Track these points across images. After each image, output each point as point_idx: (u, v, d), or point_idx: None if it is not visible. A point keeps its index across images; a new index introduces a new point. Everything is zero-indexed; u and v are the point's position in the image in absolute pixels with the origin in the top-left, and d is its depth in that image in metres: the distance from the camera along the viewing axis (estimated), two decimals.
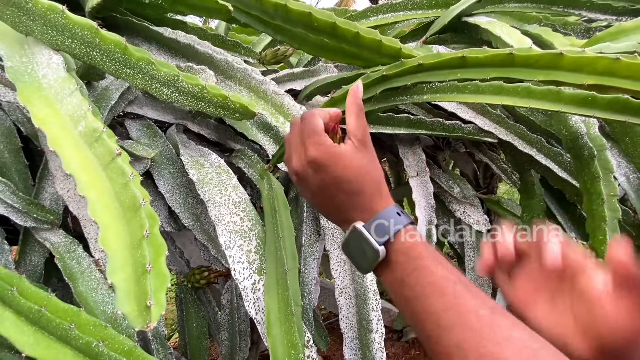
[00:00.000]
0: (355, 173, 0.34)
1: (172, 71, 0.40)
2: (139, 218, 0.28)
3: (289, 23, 0.56)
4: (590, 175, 0.54)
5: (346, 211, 0.35)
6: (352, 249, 0.34)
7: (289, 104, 0.59)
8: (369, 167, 0.35)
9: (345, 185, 0.34)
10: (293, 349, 0.39)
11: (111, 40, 0.39)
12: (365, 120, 0.37)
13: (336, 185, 0.34)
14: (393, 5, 0.82)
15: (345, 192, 0.34)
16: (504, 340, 0.25)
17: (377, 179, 0.35)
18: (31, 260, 0.54)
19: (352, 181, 0.34)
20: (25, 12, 0.39)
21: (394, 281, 0.32)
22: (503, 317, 0.27)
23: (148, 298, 0.25)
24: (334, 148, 0.34)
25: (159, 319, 0.25)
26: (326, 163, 0.34)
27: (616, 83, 0.40)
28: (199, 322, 0.71)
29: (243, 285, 0.46)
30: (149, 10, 0.65)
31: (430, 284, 0.29)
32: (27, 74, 0.39)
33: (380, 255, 0.32)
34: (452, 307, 0.28)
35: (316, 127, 0.35)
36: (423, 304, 0.29)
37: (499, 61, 0.44)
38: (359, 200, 0.34)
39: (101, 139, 0.32)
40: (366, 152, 0.35)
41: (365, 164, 0.35)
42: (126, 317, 0.25)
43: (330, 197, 0.35)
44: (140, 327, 0.25)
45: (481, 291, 0.29)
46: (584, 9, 0.76)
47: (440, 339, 0.27)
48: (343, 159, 0.34)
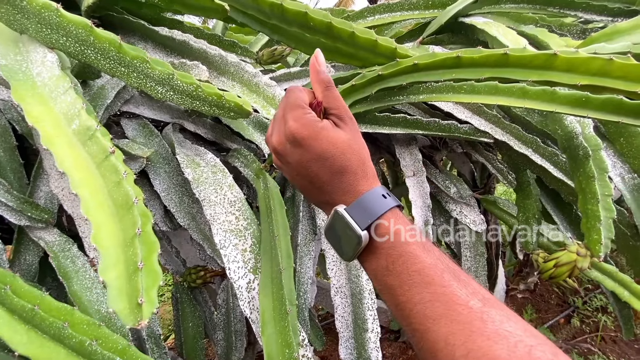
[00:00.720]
0: (337, 149, 0.31)
1: (167, 70, 0.40)
2: (132, 216, 0.28)
3: (285, 23, 0.56)
4: (585, 175, 0.54)
5: (328, 192, 0.32)
6: (334, 234, 0.32)
7: (280, 95, 0.59)
8: (352, 143, 0.32)
9: (327, 162, 0.31)
10: (287, 348, 0.39)
11: (106, 38, 0.39)
12: (338, 94, 0.34)
13: (317, 162, 0.32)
14: (390, 5, 0.82)
15: (327, 170, 0.31)
16: (496, 335, 0.23)
17: (362, 157, 0.32)
18: (25, 259, 0.54)
19: (334, 157, 0.31)
20: (19, 10, 0.39)
21: (378, 268, 0.30)
22: (496, 309, 0.24)
23: (139, 296, 0.25)
24: (315, 122, 0.31)
25: (150, 316, 0.25)
26: (306, 137, 0.31)
27: (610, 84, 0.40)
28: (195, 322, 0.71)
29: (238, 284, 0.46)
30: (146, 10, 0.65)
31: (416, 272, 0.27)
32: (21, 72, 0.39)
33: (363, 241, 0.30)
34: (439, 297, 0.25)
35: (298, 100, 0.32)
36: (409, 293, 0.27)
37: (493, 61, 0.44)
38: (341, 180, 0.32)
39: (95, 137, 0.32)
40: (347, 127, 0.33)
41: (347, 139, 0.32)
42: (118, 315, 0.25)
43: (311, 177, 0.32)
44: (131, 324, 0.25)
45: (473, 280, 0.27)
46: (580, 10, 0.76)
47: (427, 332, 0.25)
48: (324, 133, 0.31)
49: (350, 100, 0.56)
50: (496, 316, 0.24)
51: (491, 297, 0.26)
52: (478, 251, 0.81)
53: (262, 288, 0.45)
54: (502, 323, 0.23)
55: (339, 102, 0.33)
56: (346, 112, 0.34)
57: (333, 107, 0.33)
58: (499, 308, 0.25)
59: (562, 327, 1.55)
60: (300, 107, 0.32)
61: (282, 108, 0.33)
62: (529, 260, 1.47)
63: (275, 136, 0.33)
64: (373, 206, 0.30)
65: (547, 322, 1.56)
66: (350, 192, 0.32)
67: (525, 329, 0.23)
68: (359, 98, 0.55)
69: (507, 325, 0.23)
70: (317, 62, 0.33)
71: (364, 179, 0.32)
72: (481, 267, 0.81)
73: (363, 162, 0.32)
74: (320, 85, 0.33)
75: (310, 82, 0.34)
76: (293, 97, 0.33)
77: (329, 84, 0.33)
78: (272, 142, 0.34)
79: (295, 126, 0.31)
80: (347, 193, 0.32)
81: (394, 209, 0.31)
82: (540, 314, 1.61)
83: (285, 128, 0.32)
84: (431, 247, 0.29)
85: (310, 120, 0.31)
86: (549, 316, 1.60)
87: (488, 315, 0.24)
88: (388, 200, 0.31)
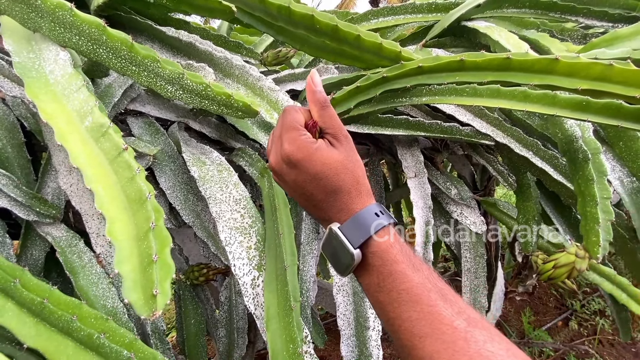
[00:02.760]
0: (331, 170, 0.32)
1: (177, 69, 0.41)
2: (145, 211, 0.28)
3: (292, 25, 0.57)
4: (585, 178, 0.55)
5: (324, 210, 0.33)
6: (330, 250, 0.33)
7: (283, 100, 0.60)
8: (346, 163, 0.33)
9: (321, 182, 0.32)
10: (291, 343, 0.40)
11: (118, 37, 0.39)
12: (334, 113, 0.34)
13: (312, 182, 0.33)
14: (394, 8, 0.83)
15: (322, 190, 0.32)
16: (478, 355, 0.24)
17: (356, 175, 0.33)
18: (32, 254, 0.55)
19: (327, 178, 0.32)
20: (34, 9, 0.40)
21: (371, 284, 0.31)
22: (480, 329, 0.25)
23: (154, 287, 0.25)
24: (309, 144, 0.32)
25: (164, 307, 0.26)
26: (300, 160, 0.32)
27: (609, 88, 0.41)
28: (197, 319, 0.71)
29: (243, 280, 0.47)
30: (153, 10, 0.66)
31: (404, 290, 0.28)
32: (34, 70, 0.40)
33: (356, 259, 0.31)
34: (425, 316, 0.26)
35: (294, 121, 0.33)
36: (397, 311, 0.28)
37: (496, 65, 0.45)
38: (335, 199, 0.32)
39: (108, 134, 0.33)
40: (342, 147, 0.33)
41: (341, 159, 0.33)
42: (132, 306, 0.26)
43: (307, 195, 0.34)
44: (146, 315, 0.25)
45: (460, 299, 0.28)
46: (581, 16, 0.77)
47: (414, 349, 0.26)
48: (318, 155, 0.32)
49: (355, 101, 0.56)
50: (480, 336, 0.25)
51: (477, 317, 0.27)
52: (478, 252, 0.82)
53: (266, 285, 0.46)
54: (485, 343, 0.24)
55: (335, 121, 0.34)
56: (341, 131, 0.34)
57: (329, 127, 0.33)
58: (483, 328, 0.26)
59: (560, 329, 1.56)
60: (296, 128, 0.33)
61: (279, 128, 0.34)
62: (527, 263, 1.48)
63: (273, 156, 0.34)
64: (366, 225, 0.31)
65: (545, 324, 1.57)
66: (344, 210, 0.32)
67: (508, 349, 0.24)
68: (363, 99, 0.55)
69: (489, 345, 0.24)
70: (312, 83, 0.34)
71: (357, 197, 0.33)
72: (481, 269, 0.82)
73: (357, 181, 0.33)
74: (316, 105, 0.34)
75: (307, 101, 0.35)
76: (289, 118, 0.33)
77: (325, 104, 0.34)
78: (270, 162, 0.35)
79: (290, 149, 0.32)
80: (341, 211, 0.32)
81: (387, 226, 0.31)
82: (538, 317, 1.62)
83: (281, 149, 0.33)
84: (420, 265, 0.30)
85: (304, 143, 0.32)
86: (547, 319, 1.61)
87: (472, 335, 0.25)
88: (381, 218, 0.31)
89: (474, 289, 0.81)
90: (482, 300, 0.80)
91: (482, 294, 0.81)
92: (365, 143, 0.94)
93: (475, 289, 0.81)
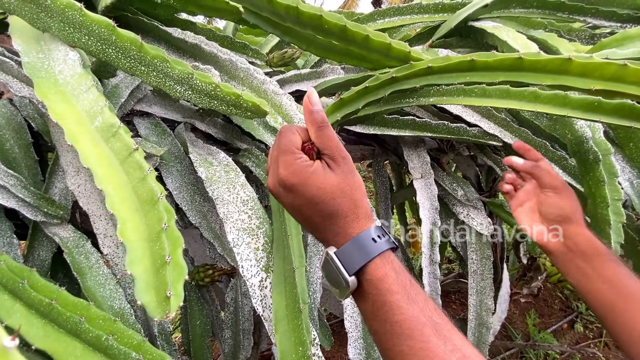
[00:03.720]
0: (327, 195, 0.31)
1: (186, 69, 0.40)
2: (157, 211, 0.28)
3: (300, 25, 0.57)
4: (595, 179, 0.55)
5: (321, 232, 0.33)
6: (327, 274, 0.32)
7: (287, 104, 0.59)
8: (343, 186, 0.32)
9: (317, 207, 0.31)
10: (301, 346, 0.39)
11: (127, 38, 0.39)
12: (333, 132, 0.33)
13: (307, 206, 0.32)
14: (400, 8, 0.83)
15: (318, 214, 0.32)
16: None
17: (354, 198, 0.32)
18: (39, 254, 0.54)
19: (324, 203, 0.31)
20: (43, 9, 0.39)
21: (366, 311, 0.30)
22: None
23: (168, 289, 0.25)
24: (304, 168, 0.31)
25: (177, 309, 0.26)
26: (296, 184, 0.31)
27: (623, 89, 0.40)
28: (202, 320, 0.71)
29: (251, 282, 0.47)
30: (160, 10, 0.65)
31: (397, 323, 0.28)
32: (43, 70, 0.40)
33: (351, 286, 0.30)
34: (417, 352, 0.26)
35: (289, 144, 0.32)
36: (390, 343, 0.28)
37: (507, 65, 0.44)
38: (332, 223, 0.32)
39: (118, 134, 0.33)
40: (339, 169, 0.32)
41: (337, 183, 0.32)
42: (146, 308, 0.25)
43: (304, 218, 0.33)
44: (159, 317, 0.25)
45: (456, 333, 0.28)
46: (589, 16, 0.76)
47: None
48: (313, 179, 0.31)
49: (363, 102, 0.56)
50: None
51: (471, 355, 0.26)
52: (484, 254, 0.81)
53: (274, 286, 0.46)
54: None
55: (332, 142, 0.33)
56: (339, 152, 0.33)
57: (326, 148, 0.32)
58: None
59: (566, 332, 1.55)
60: (291, 152, 0.32)
61: (276, 150, 0.33)
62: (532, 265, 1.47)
63: (270, 178, 0.34)
64: (362, 251, 0.30)
65: (551, 326, 1.56)
66: (341, 234, 0.32)
67: None
68: (372, 100, 0.55)
69: None
70: (310, 102, 0.33)
71: (355, 221, 0.32)
72: (487, 270, 0.82)
73: (355, 204, 0.32)
74: (313, 126, 0.33)
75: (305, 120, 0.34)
76: (285, 140, 0.32)
77: (322, 124, 0.32)
78: (268, 183, 0.34)
79: (285, 173, 0.31)
80: (338, 235, 0.32)
81: (386, 252, 0.30)
82: (543, 319, 1.61)
83: (277, 173, 0.32)
84: (416, 296, 0.29)
85: (299, 167, 0.31)
86: (552, 321, 1.60)
87: None
88: (379, 243, 0.30)
89: (481, 291, 0.81)
90: (489, 302, 0.80)
91: (488, 296, 0.80)
92: (371, 143, 0.94)
93: (482, 290, 0.81)
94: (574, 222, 0.45)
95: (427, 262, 0.69)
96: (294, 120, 0.55)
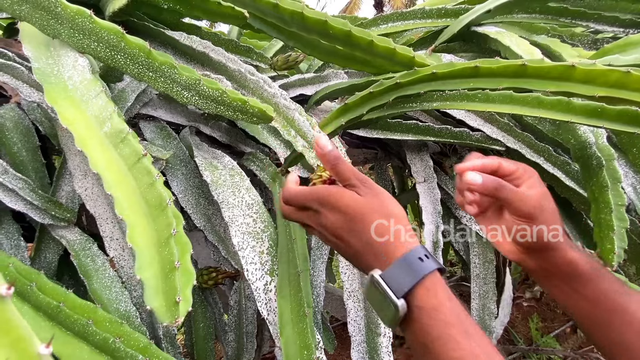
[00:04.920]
0: (366, 215, 0.31)
1: (194, 75, 0.41)
2: (166, 217, 0.29)
3: (304, 30, 0.57)
4: (599, 184, 0.55)
5: (364, 255, 0.32)
6: (373, 300, 0.30)
7: (299, 120, 0.59)
8: (377, 206, 0.32)
9: (357, 233, 0.31)
10: (306, 350, 0.40)
11: (136, 44, 0.40)
12: (346, 164, 0.34)
13: (350, 233, 0.31)
14: (403, 13, 0.83)
15: (358, 238, 0.31)
16: None
17: (391, 216, 0.31)
18: (46, 257, 0.55)
19: (362, 226, 0.31)
20: (53, 15, 0.40)
21: (416, 342, 0.28)
22: None
23: (177, 294, 0.26)
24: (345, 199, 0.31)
25: (186, 314, 0.26)
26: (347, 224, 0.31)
27: (627, 95, 0.41)
28: (205, 323, 0.71)
29: (255, 285, 0.47)
30: (166, 15, 0.66)
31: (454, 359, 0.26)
32: (53, 75, 0.40)
33: (401, 311, 0.28)
34: None
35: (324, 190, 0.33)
36: None
37: (511, 72, 0.45)
38: (373, 245, 0.31)
39: (127, 139, 0.33)
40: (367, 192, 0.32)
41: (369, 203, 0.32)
42: (155, 312, 0.26)
43: (347, 245, 0.32)
44: (168, 322, 0.25)
45: None
46: (592, 21, 0.77)
47: None
48: (353, 206, 0.31)
49: (368, 107, 0.57)
50: None
51: None
52: (487, 258, 0.81)
53: (279, 290, 0.46)
54: None
55: (348, 172, 0.33)
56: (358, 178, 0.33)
57: (345, 180, 0.33)
58: None
59: (569, 336, 1.54)
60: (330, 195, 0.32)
61: (309, 200, 0.33)
62: None
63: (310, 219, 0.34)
64: (410, 270, 0.29)
65: (554, 331, 1.55)
66: (383, 254, 0.30)
67: None
68: (376, 105, 0.56)
69: None
70: (319, 147, 0.34)
71: (397, 240, 0.31)
72: (490, 274, 0.82)
73: (395, 222, 0.31)
74: (328, 165, 0.34)
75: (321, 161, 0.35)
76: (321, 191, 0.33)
77: (336, 161, 0.33)
78: (310, 226, 0.34)
79: (335, 218, 0.32)
80: (380, 256, 0.31)
81: (435, 273, 0.29)
82: (546, 323, 1.60)
83: (325, 221, 0.32)
84: (473, 329, 0.27)
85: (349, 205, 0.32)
86: (555, 325, 1.59)
87: None
88: (427, 262, 0.29)
89: (483, 295, 0.81)
90: (491, 306, 0.80)
91: (491, 300, 0.80)
92: (374, 147, 0.94)
93: (485, 295, 0.81)
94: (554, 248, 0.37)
95: None
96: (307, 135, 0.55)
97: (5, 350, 0.13)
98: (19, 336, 0.14)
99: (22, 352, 0.14)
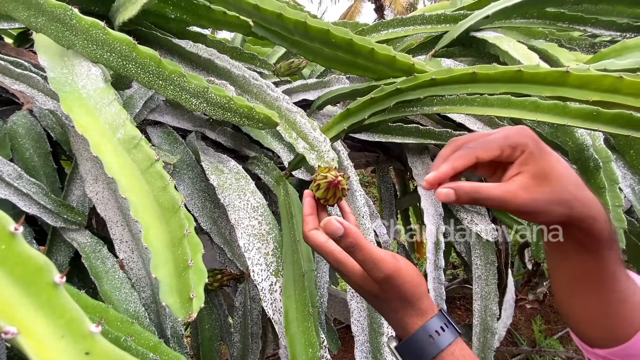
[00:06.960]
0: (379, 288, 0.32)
1: (202, 83, 0.43)
2: (179, 218, 0.30)
3: (307, 39, 0.59)
4: (596, 186, 0.56)
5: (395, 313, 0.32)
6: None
7: (300, 122, 0.60)
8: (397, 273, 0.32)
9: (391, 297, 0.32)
10: (311, 348, 0.41)
11: (147, 54, 0.42)
12: (362, 254, 0.33)
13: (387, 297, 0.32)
14: (403, 20, 0.85)
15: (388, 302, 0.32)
16: None
17: (411, 290, 0.31)
18: (57, 259, 0.57)
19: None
20: (68, 27, 0.42)
21: None
22: None
23: (191, 291, 0.27)
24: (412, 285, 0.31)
25: (199, 310, 0.28)
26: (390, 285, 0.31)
27: (620, 100, 0.42)
28: (211, 324, 0.72)
29: (261, 286, 0.48)
30: (173, 24, 0.68)
31: None
32: (67, 84, 0.42)
33: None
34: None
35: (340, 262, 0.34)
36: None
37: (508, 77, 0.46)
38: (389, 317, 0.32)
39: (140, 145, 0.35)
40: (397, 261, 0.32)
41: (400, 267, 0.32)
42: (170, 309, 0.27)
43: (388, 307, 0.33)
44: (183, 317, 0.27)
45: None
46: (589, 25, 0.78)
47: None
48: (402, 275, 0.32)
49: (369, 112, 0.58)
50: None
51: None
52: (489, 259, 0.82)
53: (284, 290, 0.47)
54: None
55: (370, 253, 0.33)
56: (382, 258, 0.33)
57: (368, 260, 0.33)
58: None
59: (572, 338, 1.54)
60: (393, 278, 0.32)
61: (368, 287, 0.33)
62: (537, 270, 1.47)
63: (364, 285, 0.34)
64: (427, 345, 0.29)
65: (557, 333, 1.55)
66: (399, 325, 0.31)
67: None
68: (377, 110, 0.57)
69: None
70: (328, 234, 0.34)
71: (412, 312, 0.31)
72: (492, 276, 0.82)
73: (412, 295, 0.32)
74: (350, 252, 0.34)
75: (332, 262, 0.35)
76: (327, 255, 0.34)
77: (352, 248, 0.33)
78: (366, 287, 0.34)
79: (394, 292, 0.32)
80: (397, 327, 0.32)
81: (453, 343, 0.29)
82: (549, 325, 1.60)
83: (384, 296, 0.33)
84: None
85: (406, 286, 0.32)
86: (558, 327, 1.59)
87: None
88: (446, 333, 0.29)
89: (485, 296, 0.82)
90: (493, 307, 0.80)
91: (493, 301, 0.81)
92: (375, 150, 0.96)
93: (487, 296, 0.81)
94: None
95: (432, 267, 0.71)
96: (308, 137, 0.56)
97: (62, 330, 0.15)
98: (72, 317, 0.17)
99: (75, 331, 0.16)
